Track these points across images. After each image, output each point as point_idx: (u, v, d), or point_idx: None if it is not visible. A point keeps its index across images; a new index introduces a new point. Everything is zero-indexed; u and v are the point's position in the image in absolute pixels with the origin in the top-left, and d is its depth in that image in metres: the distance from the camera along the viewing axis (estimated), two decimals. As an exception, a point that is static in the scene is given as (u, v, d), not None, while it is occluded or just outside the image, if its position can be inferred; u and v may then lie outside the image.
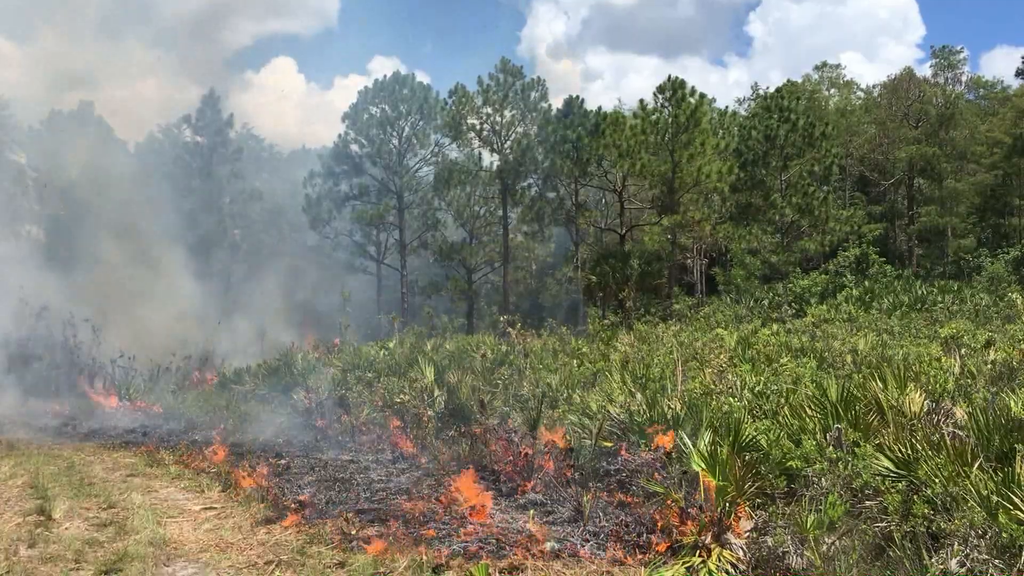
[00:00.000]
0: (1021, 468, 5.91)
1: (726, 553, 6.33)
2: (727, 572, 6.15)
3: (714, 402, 9.28)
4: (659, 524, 7.32)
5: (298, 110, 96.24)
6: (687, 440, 6.95)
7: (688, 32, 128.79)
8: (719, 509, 6.62)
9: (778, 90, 42.84)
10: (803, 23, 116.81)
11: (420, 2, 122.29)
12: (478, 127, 44.27)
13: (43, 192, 41.66)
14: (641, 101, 39.79)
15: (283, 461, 11.75)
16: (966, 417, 7.41)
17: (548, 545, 7.23)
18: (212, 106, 50.03)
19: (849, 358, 13.00)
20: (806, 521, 6.04)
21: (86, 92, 47.23)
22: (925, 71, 56.47)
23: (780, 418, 8.23)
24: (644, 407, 9.25)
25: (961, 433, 7.07)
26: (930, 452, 6.53)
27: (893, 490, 6.19)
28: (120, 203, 26.34)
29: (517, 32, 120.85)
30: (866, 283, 31.27)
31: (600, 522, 7.65)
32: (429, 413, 12.46)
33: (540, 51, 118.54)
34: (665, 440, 8.19)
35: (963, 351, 12.23)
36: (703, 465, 6.70)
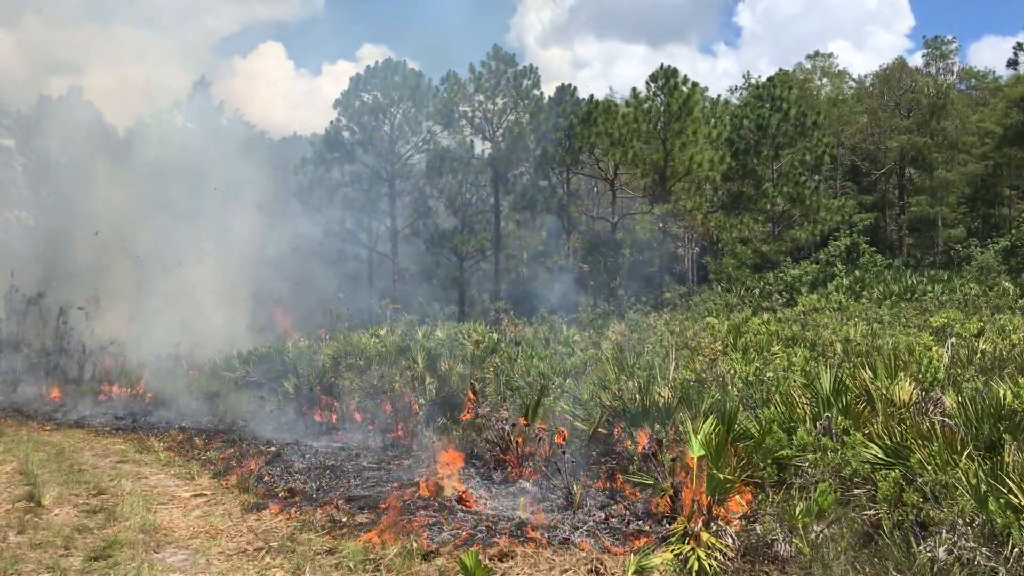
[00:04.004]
0: (1010, 456, 5.94)
1: (715, 541, 6.35)
2: (716, 560, 6.17)
3: (707, 391, 9.30)
4: (649, 512, 7.35)
5: (287, 96, 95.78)
6: (690, 426, 6.93)
7: (676, 20, 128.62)
8: (709, 498, 6.64)
9: (770, 79, 42.83)
10: (791, 12, 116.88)
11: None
12: (470, 115, 44.17)
13: (33, 177, 41.49)
14: (634, 89, 39.75)
15: (273, 448, 11.75)
16: (955, 406, 7.45)
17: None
18: (203, 92, 49.75)
19: (839, 347, 13.03)
20: (795, 509, 6.07)
21: (74, 78, 46.90)
22: (914, 60, 56.58)
23: (772, 407, 8.25)
24: (636, 395, 9.25)
25: (951, 422, 7.10)
26: (920, 441, 6.55)
27: (885, 479, 6.21)
28: (112, 189, 26.20)
29: (507, 21, 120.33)
30: (856, 272, 31.35)
31: (591, 510, 7.67)
32: (420, 401, 12.45)
33: (529, 40, 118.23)
34: (652, 432, 8.21)
35: (953, 340, 12.28)
36: (703, 452, 6.69)
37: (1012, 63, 46.40)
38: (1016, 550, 5.27)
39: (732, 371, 10.57)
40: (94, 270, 24.66)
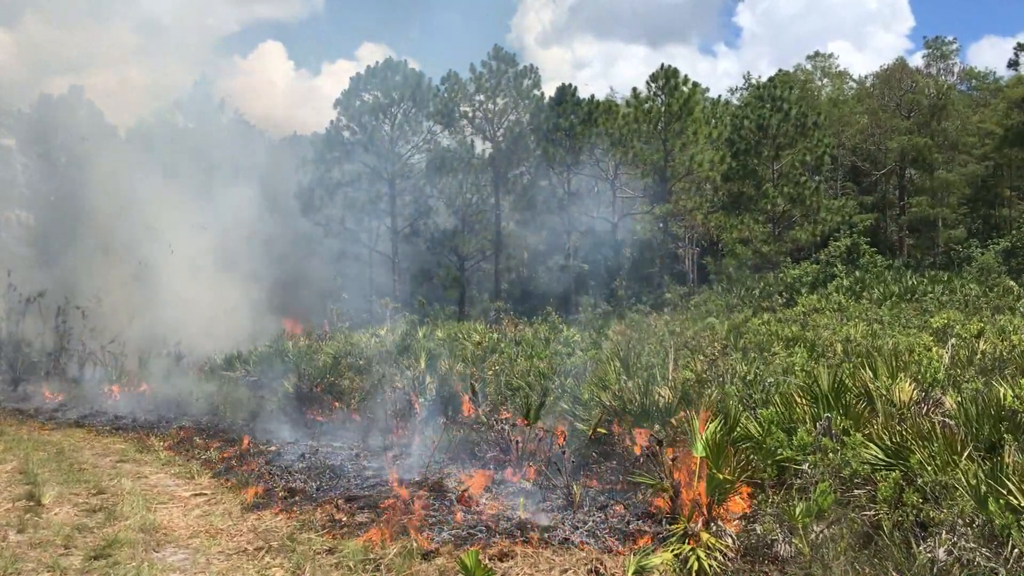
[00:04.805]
0: (1010, 457, 5.94)
1: (715, 541, 6.35)
2: (716, 560, 6.17)
3: (707, 391, 9.30)
4: (649, 512, 7.35)
5: (287, 96, 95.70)
6: (696, 425, 6.93)
7: (676, 21, 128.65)
8: (709, 498, 6.64)
9: (771, 79, 42.78)
10: (791, 12, 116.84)
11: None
12: (470, 114, 44.19)
13: (34, 176, 41.53)
14: (634, 89, 39.78)
15: (273, 447, 11.75)
16: (955, 406, 7.45)
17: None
18: (203, 91, 49.80)
19: (840, 347, 13.03)
20: (795, 510, 6.07)
21: (75, 77, 46.88)
22: (915, 61, 56.62)
23: (772, 407, 8.25)
24: (636, 395, 9.25)
25: (951, 422, 7.10)
26: (920, 441, 6.56)
27: (885, 479, 6.21)
28: (112, 188, 26.22)
29: (507, 21, 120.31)
30: (857, 273, 31.33)
31: (591, 510, 7.67)
32: (420, 400, 12.45)
33: (529, 40, 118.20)
34: (652, 432, 8.20)
35: (953, 341, 12.28)
36: (704, 453, 6.69)
37: (1013, 64, 46.47)
38: (1016, 551, 5.27)
39: (732, 371, 10.57)
40: (94, 269, 24.67)
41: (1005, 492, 5.56)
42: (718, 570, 6.10)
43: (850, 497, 6.56)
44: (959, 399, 7.53)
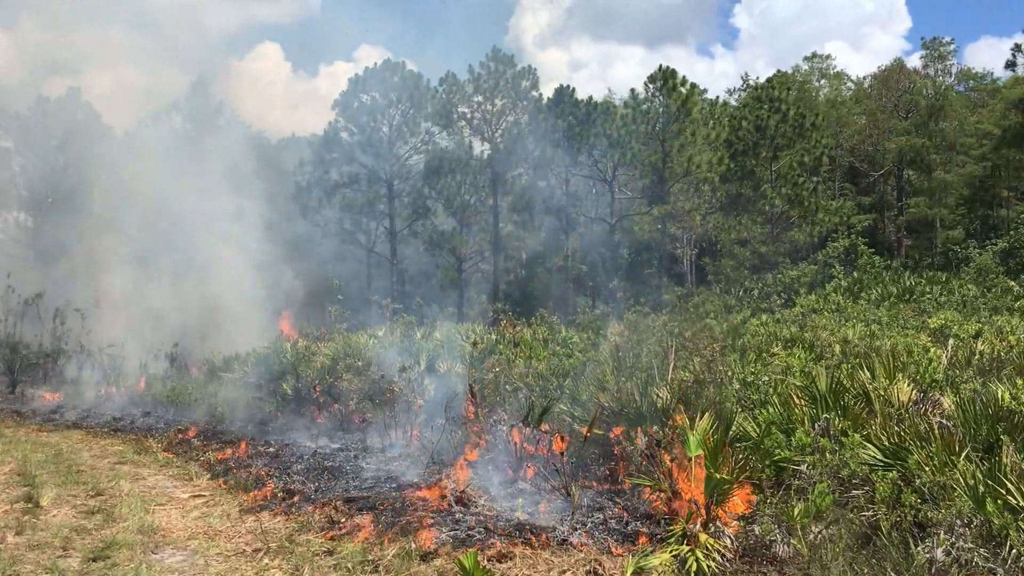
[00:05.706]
0: (1007, 457, 5.95)
1: (713, 542, 6.35)
2: (714, 560, 6.17)
3: (704, 391, 9.30)
4: (648, 513, 7.35)
5: (284, 97, 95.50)
6: (687, 424, 6.93)
7: (673, 22, 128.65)
8: (708, 499, 6.64)
9: (768, 80, 42.83)
10: (788, 13, 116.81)
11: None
12: (469, 115, 44.21)
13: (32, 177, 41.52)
14: (632, 90, 39.88)
15: (272, 449, 11.75)
16: (953, 407, 7.45)
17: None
18: (201, 92, 49.67)
19: (838, 348, 13.04)
20: (793, 510, 6.07)
21: (72, 79, 46.82)
22: (912, 62, 56.68)
23: (770, 408, 8.25)
24: (635, 395, 9.25)
25: (948, 423, 7.11)
26: (918, 442, 6.56)
27: (883, 479, 6.22)
28: (109, 189, 26.25)
29: (504, 23, 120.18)
30: (855, 274, 31.37)
31: (589, 511, 7.67)
32: (419, 402, 12.45)
33: (527, 41, 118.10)
34: (651, 433, 8.20)
35: (951, 341, 12.29)
36: (700, 451, 6.69)
37: (1010, 65, 46.45)
38: (1014, 551, 5.28)
39: (730, 372, 10.57)
40: (93, 271, 24.66)
41: (1003, 492, 5.57)
42: (716, 571, 6.10)
43: (848, 498, 6.56)
44: (957, 399, 7.54)
